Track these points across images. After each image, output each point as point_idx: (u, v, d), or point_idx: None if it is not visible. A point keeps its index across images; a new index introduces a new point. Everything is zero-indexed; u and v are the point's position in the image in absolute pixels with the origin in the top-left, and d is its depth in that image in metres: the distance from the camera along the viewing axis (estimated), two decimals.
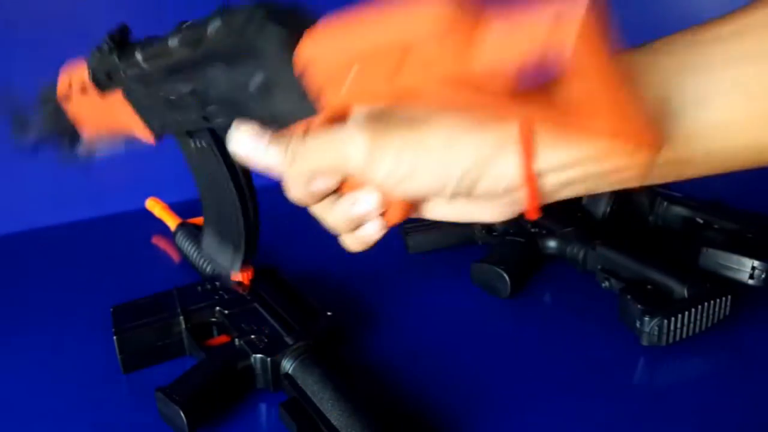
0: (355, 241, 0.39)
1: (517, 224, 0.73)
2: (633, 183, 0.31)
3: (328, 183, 0.35)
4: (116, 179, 0.90)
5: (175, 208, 0.84)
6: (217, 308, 0.57)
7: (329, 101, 0.29)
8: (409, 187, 0.32)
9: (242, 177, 0.46)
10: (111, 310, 0.57)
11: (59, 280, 0.72)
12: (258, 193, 1.02)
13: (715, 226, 0.72)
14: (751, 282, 0.61)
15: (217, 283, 0.61)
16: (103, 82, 0.45)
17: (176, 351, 0.56)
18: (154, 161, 0.92)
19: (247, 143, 0.35)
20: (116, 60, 0.42)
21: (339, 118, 0.34)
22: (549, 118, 0.26)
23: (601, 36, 0.22)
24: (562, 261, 0.72)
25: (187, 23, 0.35)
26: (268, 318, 0.55)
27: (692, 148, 0.29)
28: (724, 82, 0.28)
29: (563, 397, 0.52)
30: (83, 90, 0.48)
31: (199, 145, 0.44)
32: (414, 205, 0.37)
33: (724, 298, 0.57)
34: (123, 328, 0.54)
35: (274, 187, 1.12)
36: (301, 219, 0.95)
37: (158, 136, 0.46)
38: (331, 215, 0.37)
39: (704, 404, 0.51)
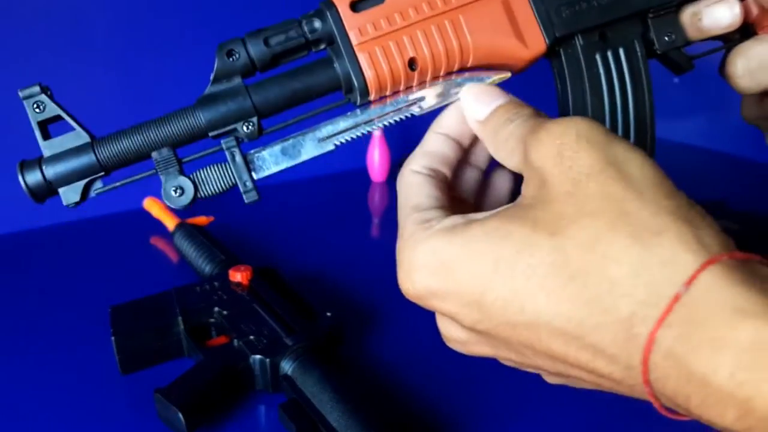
0: None
1: None
2: None
3: None
4: (113, 178, 0.90)
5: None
6: (216, 309, 0.57)
7: None
8: None
9: (650, 110, 0.35)
10: (109, 310, 0.56)
11: (56, 280, 0.72)
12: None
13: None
14: None
15: (216, 284, 0.60)
16: None
17: (175, 352, 0.56)
18: (152, 160, 0.92)
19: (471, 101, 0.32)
20: None
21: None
22: None
23: None
24: None
25: None
26: (267, 319, 0.54)
27: None
28: None
29: (562, 397, 0.52)
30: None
31: (609, 57, 0.35)
32: None
33: None
34: (121, 329, 0.54)
35: (273, 186, 1.12)
36: (301, 219, 0.95)
37: (552, 44, 0.34)
38: None
39: None
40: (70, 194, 0.35)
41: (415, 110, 0.35)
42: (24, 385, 0.54)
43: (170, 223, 0.79)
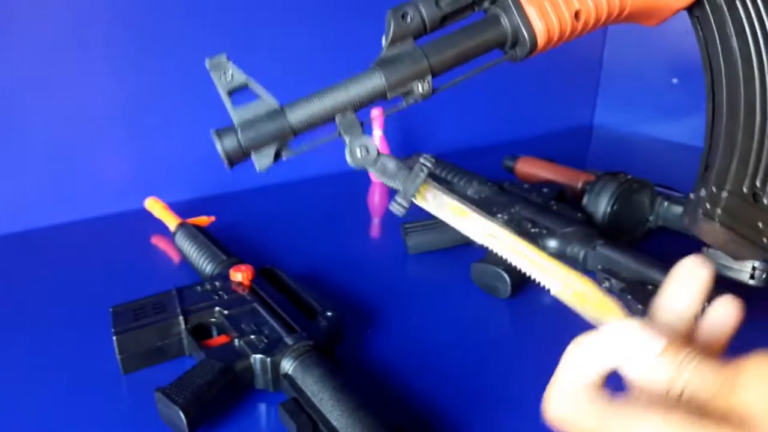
0: None
1: (516, 225, 0.73)
2: None
3: None
4: (115, 178, 0.90)
5: (175, 207, 0.84)
6: (217, 308, 0.57)
7: None
8: None
9: None
10: (110, 310, 0.56)
11: (58, 280, 0.72)
12: (258, 193, 1.02)
13: None
14: (751, 282, 0.60)
15: (217, 284, 0.60)
16: None
17: (176, 351, 0.56)
18: (153, 160, 0.92)
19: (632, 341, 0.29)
20: None
21: None
22: None
23: None
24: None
25: None
26: (268, 318, 0.55)
27: None
28: None
29: None
30: None
31: (747, 1, 0.36)
32: None
33: None
34: (122, 329, 0.54)
35: (274, 187, 1.12)
36: (302, 219, 0.95)
37: None
38: None
39: None
40: (262, 159, 0.35)
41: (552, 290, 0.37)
42: (25, 385, 0.54)
43: (171, 223, 0.79)
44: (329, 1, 0.99)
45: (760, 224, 0.38)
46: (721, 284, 0.59)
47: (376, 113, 0.98)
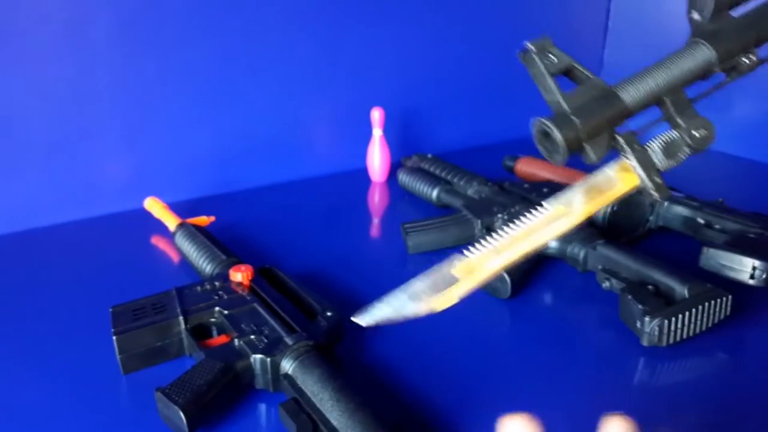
0: None
1: None
2: None
3: None
4: (115, 178, 0.90)
5: (174, 207, 0.84)
6: (217, 308, 0.57)
7: None
8: None
9: None
10: (110, 310, 0.56)
11: (58, 280, 0.72)
12: (257, 193, 1.02)
13: (716, 226, 0.72)
14: (751, 282, 0.61)
15: (217, 284, 0.60)
16: None
17: (176, 351, 0.56)
18: (152, 160, 0.92)
19: None
20: None
21: None
22: None
23: None
24: (562, 261, 0.72)
25: None
26: (268, 318, 0.55)
27: None
28: None
29: (564, 398, 0.52)
30: None
31: None
32: None
33: (724, 299, 0.57)
34: (122, 329, 0.54)
35: (273, 187, 1.12)
36: (302, 219, 0.95)
37: None
38: None
39: (704, 405, 0.51)
40: (597, 149, 0.33)
41: None
42: (26, 385, 0.54)
43: (171, 223, 0.79)
44: (330, 4, 0.99)
45: None
46: (722, 284, 0.59)
47: (376, 114, 0.98)
